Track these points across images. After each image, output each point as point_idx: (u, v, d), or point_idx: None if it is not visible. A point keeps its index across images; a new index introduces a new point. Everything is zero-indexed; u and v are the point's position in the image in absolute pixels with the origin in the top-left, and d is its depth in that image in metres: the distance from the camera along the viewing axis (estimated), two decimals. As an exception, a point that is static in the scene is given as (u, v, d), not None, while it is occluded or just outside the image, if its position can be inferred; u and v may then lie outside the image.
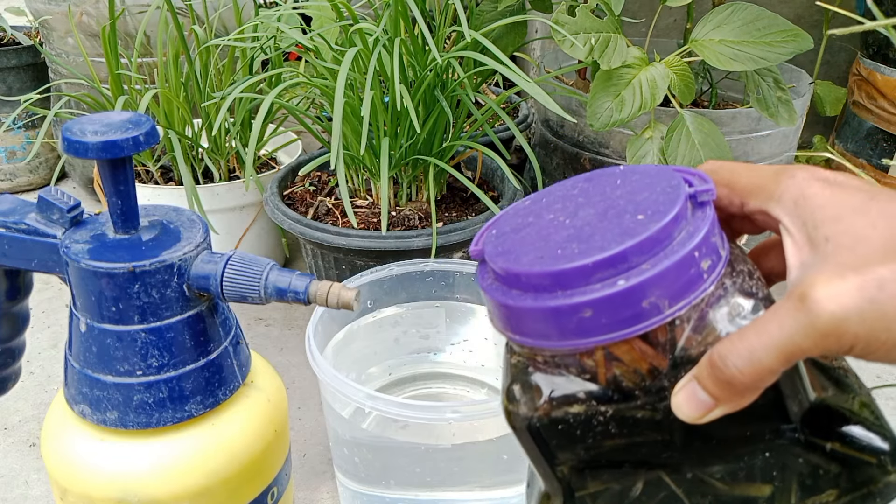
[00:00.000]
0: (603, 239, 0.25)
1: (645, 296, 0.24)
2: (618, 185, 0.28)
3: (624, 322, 0.24)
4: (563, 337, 0.25)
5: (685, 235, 0.25)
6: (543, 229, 0.28)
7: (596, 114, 0.65)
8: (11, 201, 0.36)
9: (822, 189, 0.25)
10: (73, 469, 0.34)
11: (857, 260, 0.22)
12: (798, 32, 0.64)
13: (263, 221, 0.87)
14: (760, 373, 0.23)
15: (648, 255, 0.24)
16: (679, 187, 0.26)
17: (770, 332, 0.23)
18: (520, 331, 0.26)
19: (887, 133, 0.89)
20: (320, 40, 0.70)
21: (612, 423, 0.26)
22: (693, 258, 0.24)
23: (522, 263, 0.26)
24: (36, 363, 0.75)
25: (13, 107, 1.10)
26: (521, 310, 0.25)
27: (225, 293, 0.33)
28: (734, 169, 0.28)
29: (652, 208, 0.25)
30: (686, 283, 0.24)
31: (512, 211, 0.31)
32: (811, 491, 0.27)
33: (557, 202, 0.29)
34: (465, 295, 0.60)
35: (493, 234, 0.29)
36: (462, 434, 0.47)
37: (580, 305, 0.24)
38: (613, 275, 0.24)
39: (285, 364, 0.75)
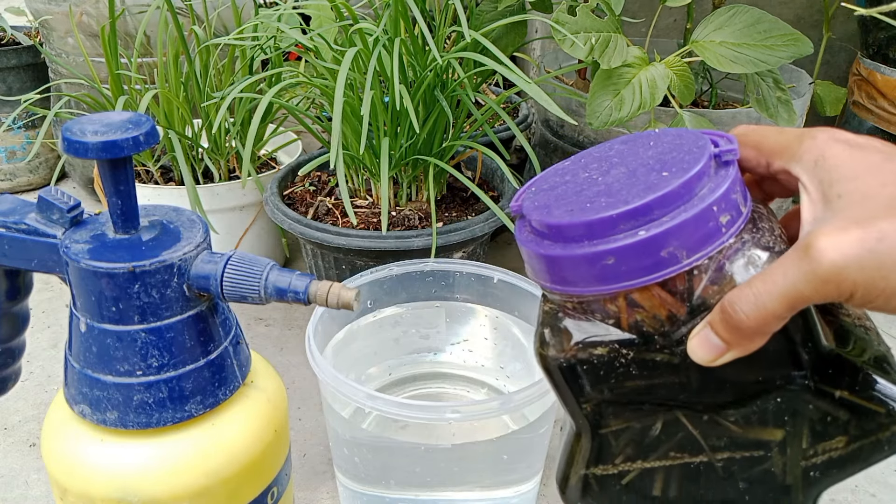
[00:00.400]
0: (629, 193, 0.27)
1: (664, 246, 0.26)
2: (650, 146, 0.30)
3: (644, 270, 0.26)
4: (589, 283, 0.27)
5: (706, 191, 0.26)
6: (577, 186, 0.30)
7: (595, 112, 0.65)
8: (11, 201, 0.36)
9: (841, 150, 0.26)
10: (73, 469, 0.34)
11: (863, 214, 0.24)
12: (798, 37, 0.65)
13: (263, 221, 0.87)
14: (766, 318, 0.24)
15: (669, 208, 0.26)
16: (705, 147, 0.28)
17: (775, 280, 0.24)
18: (551, 278, 0.29)
19: (887, 133, 0.89)
20: (320, 40, 0.70)
21: (633, 365, 0.28)
22: (711, 212, 0.26)
23: (555, 216, 0.28)
24: (36, 363, 0.75)
25: (13, 107, 1.10)
26: (551, 258, 0.28)
27: (225, 293, 0.33)
28: (763, 132, 0.29)
29: (677, 166, 0.27)
30: (704, 236, 0.26)
31: (552, 171, 0.33)
32: (821, 437, 0.29)
33: (594, 162, 0.32)
34: (465, 295, 0.60)
35: (532, 191, 0.32)
36: (462, 434, 0.47)
37: (604, 253, 0.26)
38: (635, 226, 0.26)
39: (285, 364, 0.75)
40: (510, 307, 0.58)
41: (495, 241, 1.02)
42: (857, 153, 0.26)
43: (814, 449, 0.29)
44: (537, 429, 0.49)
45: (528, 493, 0.53)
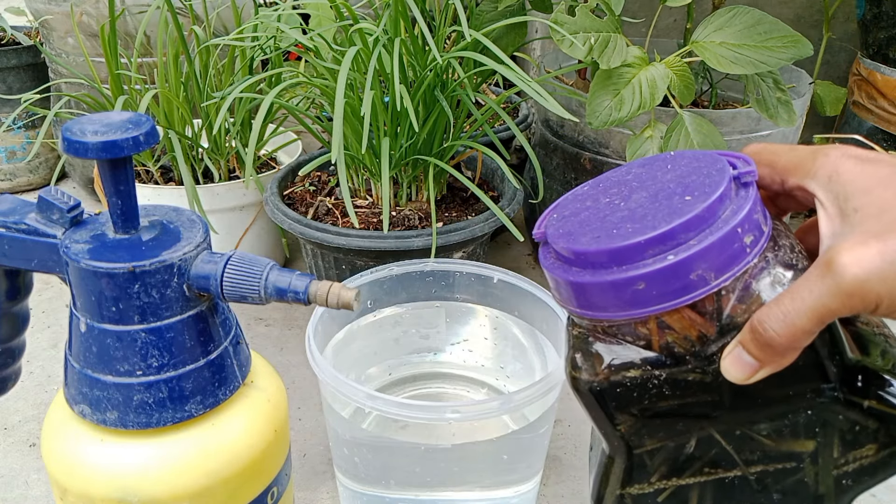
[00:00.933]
0: (654, 219, 0.28)
1: (692, 269, 0.27)
2: (668, 170, 0.31)
3: (674, 293, 0.27)
4: (620, 308, 0.28)
5: (729, 213, 0.27)
6: (600, 212, 0.31)
7: (595, 112, 0.65)
8: (11, 201, 0.36)
9: (853, 165, 0.27)
10: (73, 469, 0.34)
11: (881, 227, 0.25)
12: (798, 38, 0.65)
13: (263, 221, 0.87)
14: (796, 334, 0.25)
15: (695, 232, 0.27)
16: (724, 170, 0.28)
17: (802, 297, 0.25)
18: (580, 304, 0.29)
19: (887, 133, 0.89)
20: (320, 40, 0.70)
21: (666, 385, 0.29)
22: (736, 234, 0.27)
23: (581, 243, 0.29)
24: (36, 363, 0.75)
25: (13, 107, 1.10)
26: (582, 284, 0.29)
27: (225, 293, 0.33)
28: (775, 150, 0.30)
29: (699, 190, 0.28)
30: (730, 257, 0.27)
31: (571, 196, 0.34)
32: (852, 446, 0.29)
33: (613, 187, 0.32)
34: (465, 295, 0.60)
35: (555, 217, 0.32)
36: (462, 434, 0.47)
37: (634, 279, 0.27)
38: (664, 251, 0.27)
39: (285, 364, 0.75)
40: (510, 307, 0.58)
41: (495, 241, 1.02)
42: (868, 168, 0.27)
43: (845, 458, 0.30)
44: (537, 429, 0.49)
45: (528, 493, 0.53)
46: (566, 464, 0.63)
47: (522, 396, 0.44)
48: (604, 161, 0.77)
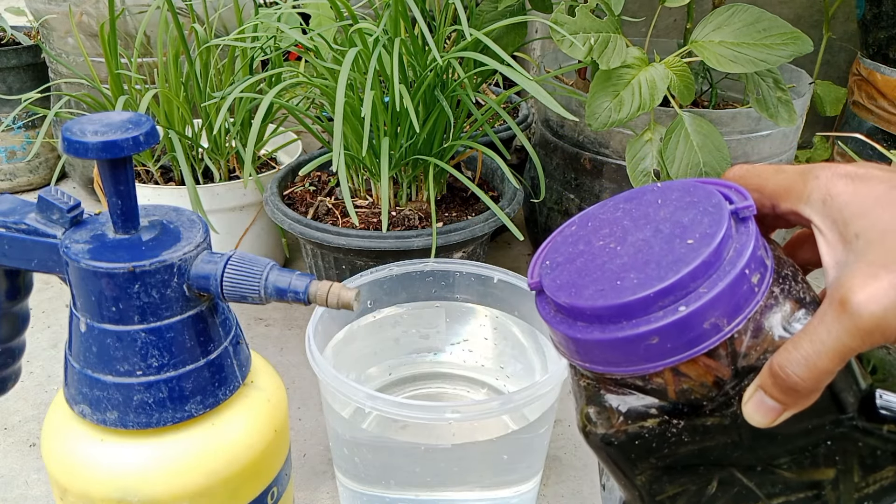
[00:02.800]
0: (658, 267, 0.26)
1: (705, 318, 0.26)
2: (659, 205, 0.30)
3: (688, 344, 0.26)
4: (633, 363, 0.27)
5: (734, 254, 0.26)
6: (597, 257, 0.29)
7: (595, 114, 0.65)
8: (11, 201, 0.36)
9: (845, 186, 0.26)
10: (73, 469, 0.34)
11: (887, 255, 0.24)
12: (798, 35, 0.64)
13: (263, 221, 0.87)
14: (819, 376, 0.25)
15: (703, 279, 0.26)
16: (721, 207, 0.27)
17: (821, 339, 0.25)
18: (588, 359, 0.28)
19: (887, 133, 0.89)
20: (320, 40, 0.70)
21: (685, 432, 0.28)
22: (744, 276, 0.26)
23: (585, 297, 0.27)
24: (36, 363, 0.75)
25: (13, 107, 1.10)
26: (590, 342, 0.27)
27: (225, 293, 0.33)
28: (761, 173, 0.30)
29: (699, 231, 0.27)
30: (740, 300, 0.26)
31: (560, 238, 0.32)
32: (872, 469, 0.29)
33: (604, 226, 0.31)
34: (465, 295, 0.60)
35: (548, 265, 0.31)
36: (462, 434, 0.47)
37: (647, 334, 0.26)
38: (673, 301, 0.26)
39: (285, 364, 0.75)
40: (510, 307, 0.58)
41: (495, 241, 1.02)
42: (862, 187, 0.26)
43: (865, 481, 0.29)
44: (537, 429, 0.49)
45: (528, 493, 0.53)
46: (566, 464, 0.63)
47: (522, 396, 0.44)
48: (604, 161, 0.77)
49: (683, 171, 0.66)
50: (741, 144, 0.73)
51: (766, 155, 0.76)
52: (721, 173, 0.66)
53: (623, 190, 0.77)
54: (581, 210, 0.87)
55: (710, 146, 0.66)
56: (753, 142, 0.74)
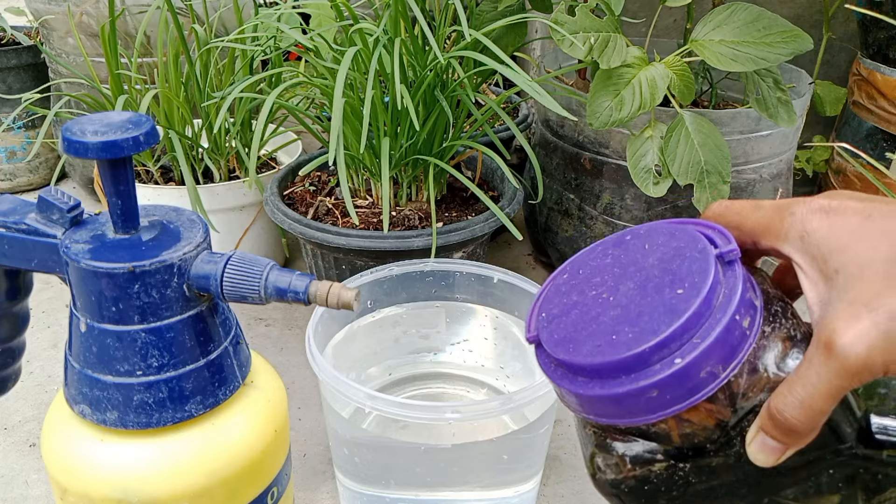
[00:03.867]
0: (651, 319, 0.27)
1: (701, 367, 0.26)
2: (647, 251, 0.31)
3: (687, 394, 0.27)
4: (635, 415, 0.28)
5: (723, 301, 0.27)
6: (591, 309, 0.30)
7: (595, 113, 0.65)
8: (11, 201, 0.36)
9: (821, 221, 0.27)
10: (73, 469, 0.34)
11: (867, 291, 0.25)
12: (798, 33, 0.64)
13: (263, 221, 0.87)
14: (815, 416, 0.26)
15: (696, 329, 0.27)
16: (707, 252, 0.28)
17: (812, 382, 0.25)
18: (592, 412, 0.29)
19: (887, 133, 0.89)
20: (320, 40, 0.70)
21: (692, 473, 0.30)
22: (735, 322, 0.27)
23: (583, 353, 0.28)
24: (36, 363, 0.75)
25: (13, 107, 1.10)
26: (592, 397, 0.28)
27: (225, 293, 0.33)
28: (739, 211, 0.30)
29: (688, 280, 0.28)
30: (734, 346, 0.27)
31: (553, 288, 0.33)
32: (875, 492, 0.30)
33: (595, 275, 0.32)
34: (465, 295, 0.60)
35: (544, 317, 0.32)
36: (462, 434, 0.47)
37: (646, 388, 0.26)
38: (669, 354, 0.26)
39: (285, 364, 0.75)
40: (510, 307, 0.58)
41: (495, 241, 1.02)
42: (836, 220, 0.27)
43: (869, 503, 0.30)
44: (537, 429, 0.49)
45: (528, 493, 0.53)
46: (566, 464, 0.63)
47: (522, 396, 0.44)
48: (604, 161, 0.77)
49: (684, 169, 0.66)
50: (741, 144, 0.73)
51: (766, 155, 0.76)
52: (722, 172, 0.66)
53: (623, 190, 0.77)
54: (581, 209, 0.86)
55: (710, 145, 0.66)
56: (753, 142, 0.74)
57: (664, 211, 0.76)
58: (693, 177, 0.66)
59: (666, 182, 0.67)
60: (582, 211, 0.81)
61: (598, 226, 0.80)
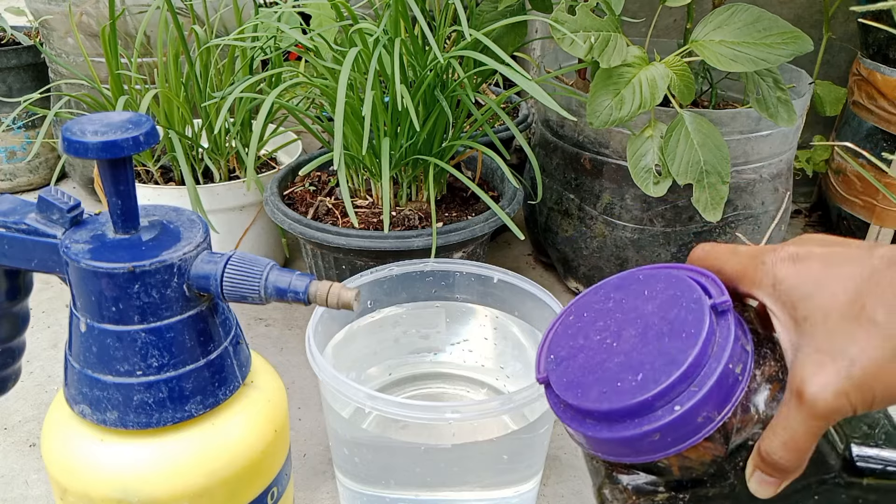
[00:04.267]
0: (652, 368, 0.30)
1: (699, 413, 0.29)
2: (646, 298, 0.34)
3: (686, 436, 0.30)
4: (639, 454, 0.31)
5: (717, 350, 0.30)
6: (597, 354, 0.33)
7: (595, 112, 0.65)
8: (11, 201, 0.36)
9: (788, 269, 0.29)
10: (73, 469, 0.34)
11: (829, 340, 0.27)
12: (798, 34, 0.64)
13: (263, 221, 0.87)
14: (800, 455, 0.29)
15: (693, 377, 0.29)
16: (702, 303, 0.31)
17: (792, 426, 0.28)
18: (600, 451, 0.32)
19: (887, 133, 0.89)
20: (320, 40, 0.70)
21: (691, 501, 0.33)
22: (729, 370, 0.29)
23: (592, 399, 0.31)
24: (36, 363, 0.75)
25: (13, 107, 1.10)
26: (600, 439, 0.31)
27: (225, 293, 0.33)
28: (718, 256, 0.33)
29: (685, 330, 0.30)
30: (728, 392, 0.30)
31: (561, 329, 0.36)
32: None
33: (599, 319, 0.35)
34: (465, 295, 0.60)
35: (552, 359, 0.35)
36: (462, 434, 0.47)
37: (650, 432, 0.29)
38: (669, 401, 0.29)
39: (285, 364, 0.75)
40: (510, 307, 0.58)
41: (495, 241, 1.02)
42: (802, 268, 0.29)
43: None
44: (537, 429, 0.49)
45: (528, 493, 0.53)
46: (566, 464, 0.63)
47: (522, 396, 0.44)
48: (604, 161, 0.77)
49: (684, 168, 0.66)
50: (741, 144, 0.73)
51: (766, 155, 0.76)
52: (721, 172, 0.66)
53: (623, 190, 0.77)
54: (581, 209, 0.86)
55: (710, 145, 0.66)
56: (753, 142, 0.74)
57: (664, 211, 0.76)
58: (693, 176, 0.66)
59: (666, 182, 0.67)
60: (582, 211, 0.81)
61: (598, 226, 0.80)
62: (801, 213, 1.11)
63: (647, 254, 0.79)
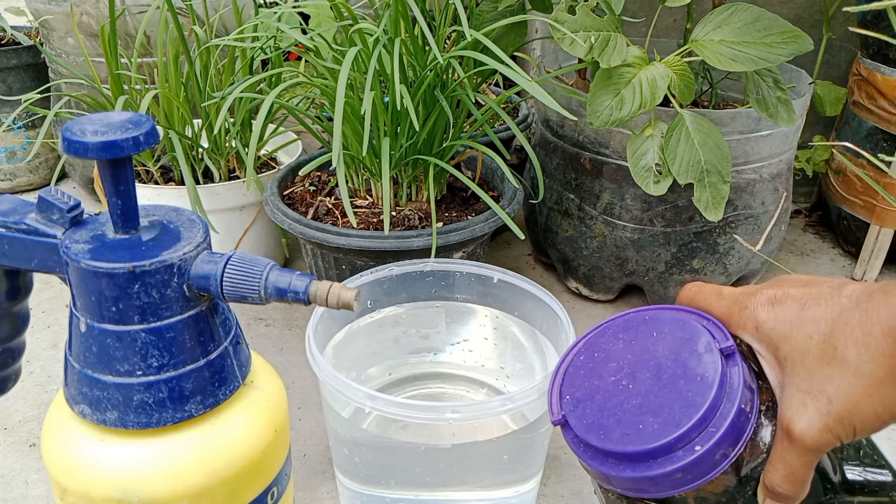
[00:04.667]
0: (671, 411, 0.32)
1: (717, 451, 0.32)
2: (656, 339, 0.36)
3: (704, 473, 0.32)
4: (661, 491, 0.33)
5: (730, 391, 0.32)
6: (613, 395, 0.35)
7: (596, 112, 0.65)
8: (11, 201, 0.36)
9: (768, 313, 0.32)
10: (73, 469, 0.34)
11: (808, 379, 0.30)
12: (798, 34, 0.64)
13: (263, 221, 0.87)
14: (799, 484, 0.31)
15: (711, 419, 0.32)
16: (712, 348, 0.33)
17: (787, 461, 0.31)
18: (621, 487, 0.34)
19: (887, 133, 0.89)
20: (320, 40, 0.70)
21: None
22: (741, 410, 0.32)
23: (614, 441, 0.33)
24: (36, 363, 0.75)
25: (13, 107, 1.10)
26: (622, 478, 0.33)
27: (225, 293, 0.33)
28: (706, 297, 0.35)
29: (699, 373, 0.33)
30: (740, 429, 0.32)
31: (572, 370, 0.38)
32: None
33: (611, 360, 0.37)
34: (465, 295, 0.60)
35: (569, 400, 0.36)
36: (462, 434, 0.47)
37: (672, 472, 0.32)
38: (689, 442, 0.32)
39: (285, 364, 0.75)
40: (510, 307, 0.58)
41: (495, 241, 1.02)
42: (780, 311, 0.31)
43: None
44: (537, 429, 0.49)
45: (528, 493, 0.53)
46: (566, 464, 0.63)
47: (522, 396, 0.44)
48: (604, 161, 0.77)
49: (685, 168, 0.66)
50: (741, 144, 0.73)
51: (766, 155, 0.76)
52: (722, 172, 0.66)
53: (623, 190, 0.77)
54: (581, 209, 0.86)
55: (710, 144, 0.66)
56: (753, 142, 0.74)
57: (664, 211, 0.76)
58: (693, 176, 0.66)
59: (666, 181, 0.67)
60: (582, 211, 0.81)
61: (598, 226, 0.80)
62: (801, 213, 1.11)
63: (647, 254, 0.79)
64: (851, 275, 0.95)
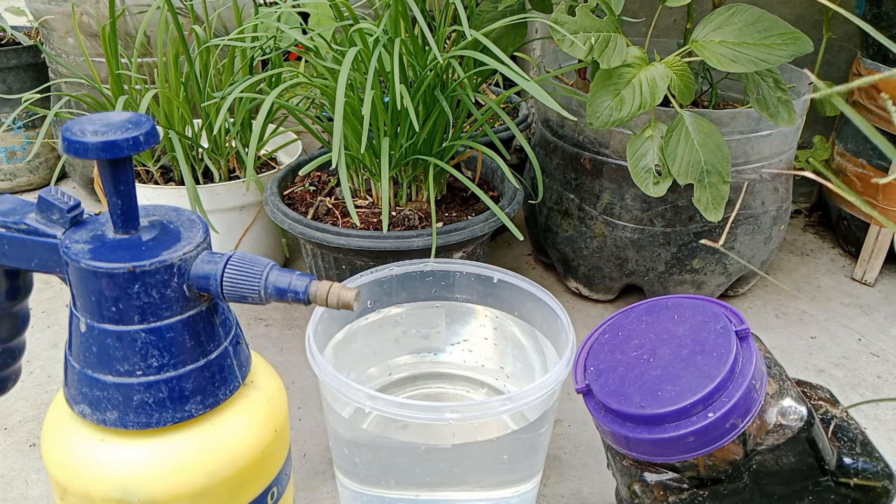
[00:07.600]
0: (688, 380, 0.36)
1: (727, 420, 0.35)
2: (676, 321, 0.39)
3: (715, 440, 0.35)
4: (673, 454, 0.36)
5: (742, 368, 0.36)
6: (634, 367, 0.39)
7: (596, 112, 0.65)
8: (11, 201, 0.36)
9: None
10: (73, 469, 0.34)
11: None
12: (798, 35, 0.64)
13: (263, 221, 0.87)
14: None
15: (724, 390, 0.35)
16: (728, 329, 0.37)
17: None
18: (636, 451, 0.38)
19: (887, 133, 0.89)
20: (320, 40, 0.70)
21: (709, 498, 0.38)
22: (752, 385, 0.35)
23: (634, 405, 0.37)
24: (36, 363, 0.75)
25: (13, 107, 1.10)
26: (639, 440, 0.36)
27: (225, 293, 0.33)
28: None
29: (716, 350, 0.36)
30: (750, 403, 0.35)
31: (597, 346, 0.42)
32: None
33: (633, 337, 0.41)
34: (465, 295, 0.60)
35: (592, 371, 0.40)
36: (462, 434, 0.47)
37: (685, 435, 0.35)
38: (703, 409, 0.35)
39: (285, 364, 0.75)
40: (510, 307, 0.58)
41: (495, 241, 1.02)
42: None
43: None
44: (537, 429, 0.49)
45: (528, 493, 0.53)
46: (566, 464, 0.63)
47: (522, 396, 0.44)
48: (604, 161, 0.77)
49: (685, 168, 0.66)
50: (741, 144, 0.73)
51: (767, 155, 0.76)
52: (722, 172, 0.66)
53: (623, 190, 0.77)
54: (581, 209, 0.87)
55: (710, 145, 0.66)
56: (753, 142, 0.74)
57: (664, 211, 0.76)
58: (693, 176, 0.66)
59: (666, 182, 0.67)
60: (582, 211, 0.81)
61: (598, 226, 0.80)
62: (801, 213, 1.11)
63: (647, 254, 0.79)
64: (851, 275, 0.95)
